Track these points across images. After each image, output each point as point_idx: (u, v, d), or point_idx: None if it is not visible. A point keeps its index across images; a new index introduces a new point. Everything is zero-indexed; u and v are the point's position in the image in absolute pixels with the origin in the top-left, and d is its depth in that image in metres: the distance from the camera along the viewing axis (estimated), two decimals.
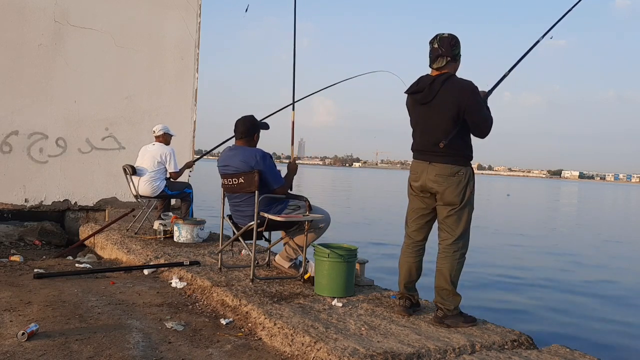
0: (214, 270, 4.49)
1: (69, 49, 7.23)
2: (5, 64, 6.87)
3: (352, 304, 3.69)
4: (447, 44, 3.26)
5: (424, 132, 3.36)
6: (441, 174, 3.27)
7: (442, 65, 3.27)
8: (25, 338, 2.88)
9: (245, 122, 4.34)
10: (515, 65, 3.54)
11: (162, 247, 5.53)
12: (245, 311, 3.47)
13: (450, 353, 2.88)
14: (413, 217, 3.51)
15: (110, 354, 2.78)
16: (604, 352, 5.36)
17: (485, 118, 3.26)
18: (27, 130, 7.03)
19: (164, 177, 6.38)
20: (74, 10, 7.24)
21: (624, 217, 29.44)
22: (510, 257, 11.48)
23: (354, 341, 2.90)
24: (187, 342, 3.03)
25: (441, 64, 3.27)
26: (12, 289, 3.99)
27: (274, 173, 4.19)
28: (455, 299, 3.33)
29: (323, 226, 4.34)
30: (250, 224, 4.12)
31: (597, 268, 10.96)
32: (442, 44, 3.26)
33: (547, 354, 2.95)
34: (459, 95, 3.20)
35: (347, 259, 3.83)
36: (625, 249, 14.38)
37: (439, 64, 3.27)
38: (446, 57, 3.26)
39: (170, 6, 7.90)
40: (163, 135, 6.49)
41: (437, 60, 3.27)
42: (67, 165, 7.30)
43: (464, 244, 3.35)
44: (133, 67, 7.67)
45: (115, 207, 7.57)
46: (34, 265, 5.04)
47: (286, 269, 4.52)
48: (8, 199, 6.97)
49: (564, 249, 13.51)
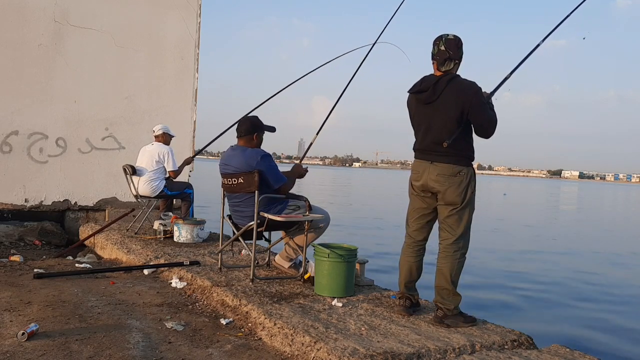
0: (214, 270, 4.49)
1: (69, 49, 7.23)
2: (5, 64, 6.87)
3: (352, 304, 3.69)
4: (454, 46, 3.28)
5: (426, 132, 3.36)
6: (443, 174, 3.27)
7: (450, 68, 3.28)
8: (25, 338, 2.88)
9: (246, 122, 4.34)
10: (516, 68, 3.54)
11: (162, 247, 5.53)
12: (245, 311, 3.47)
13: (450, 353, 2.88)
14: (414, 216, 3.52)
15: (110, 354, 2.78)
16: (604, 352, 5.37)
17: (489, 118, 3.27)
18: (27, 130, 7.03)
19: (164, 177, 6.38)
20: (74, 10, 7.24)
21: (625, 217, 29.45)
22: (510, 256, 11.49)
23: (354, 341, 2.90)
24: (187, 342, 3.03)
25: (449, 67, 3.28)
26: (12, 289, 3.99)
27: (275, 172, 4.18)
28: (456, 299, 3.33)
29: (323, 226, 4.34)
30: (250, 224, 4.12)
31: (597, 268, 10.96)
32: (449, 47, 3.27)
33: (547, 354, 2.95)
34: (463, 96, 3.20)
35: (347, 259, 3.83)
36: (626, 249, 14.37)
37: (447, 67, 3.28)
38: (454, 60, 3.28)
39: (170, 6, 7.90)
40: (162, 135, 6.49)
41: (445, 64, 3.28)
42: (67, 165, 7.30)
43: (464, 244, 3.35)
44: (133, 67, 7.67)
45: (115, 207, 7.57)
46: (34, 265, 5.04)
47: (286, 269, 4.52)
48: (8, 199, 6.97)
49: (563, 249, 13.50)
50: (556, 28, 3.71)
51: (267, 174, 4.09)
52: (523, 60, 3.59)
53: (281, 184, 4.20)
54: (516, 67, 3.54)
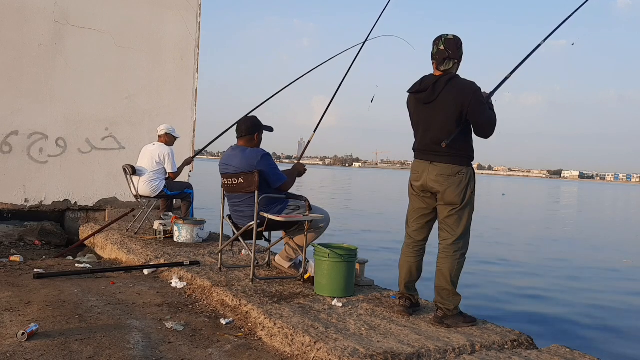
0: (214, 270, 4.49)
1: (69, 49, 7.23)
2: (5, 63, 6.87)
3: (352, 304, 3.69)
4: (453, 46, 3.28)
5: (426, 132, 3.36)
6: (442, 174, 3.27)
7: (449, 68, 3.29)
8: (25, 338, 2.88)
9: (247, 122, 4.35)
10: (516, 68, 3.53)
11: (162, 247, 5.53)
12: (245, 311, 3.47)
13: (450, 353, 2.88)
14: (414, 217, 3.52)
15: (110, 354, 2.78)
16: (604, 352, 5.37)
17: (489, 118, 3.27)
18: (27, 130, 7.03)
19: (164, 177, 6.38)
20: (74, 10, 7.25)
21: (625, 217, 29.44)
22: (510, 257, 11.48)
23: (354, 341, 2.90)
24: (187, 342, 3.03)
25: (448, 67, 3.28)
26: (12, 289, 3.99)
27: (276, 172, 4.19)
28: (456, 299, 3.33)
29: (323, 226, 4.34)
30: (250, 224, 4.12)
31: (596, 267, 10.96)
32: (448, 47, 3.27)
33: (547, 354, 2.95)
34: (462, 96, 3.21)
35: (347, 259, 3.83)
36: (626, 249, 14.37)
37: (446, 67, 3.29)
38: (453, 60, 3.28)
39: (170, 6, 7.90)
40: (165, 135, 6.49)
41: (444, 63, 3.29)
42: (67, 165, 7.30)
43: (464, 244, 3.35)
44: (133, 67, 7.67)
45: (115, 207, 7.57)
46: (34, 265, 5.04)
47: (286, 269, 4.52)
48: (8, 199, 6.97)
49: (563, 249, 13.51)
50: (557, 28, 3.70)
51: (267, 173, 4.10)
52: (523, 60, 3.58)
53: (281, 183, 4.21)
54: (516, 67, 3.54)
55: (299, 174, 4.60)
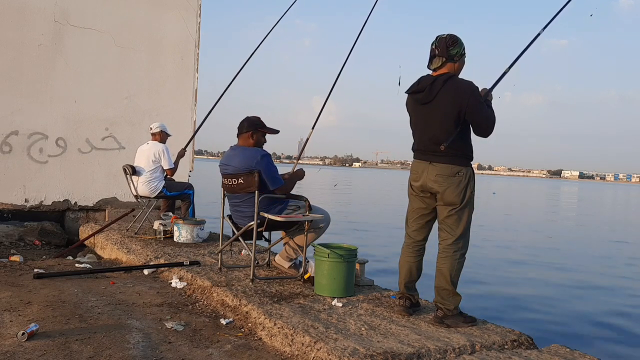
0: (214, 270, 4.49)
1: (69, 49, 7.23)
2: (5, 64, 6.87)
3: (352, 304, 3.69)
4: (443, 44, 3.28)
5: (424, 132, 3.36)
6: (442, 174, 3.27)
7: (438, 66, 3.29)
8: (25, 338, 2.88)
9: (245, 121, 4.34)
10: (516, 60, 3.49)
11: (162, 247, 5.53)
12: (245, 311, 3.47)
13: (450, 353, 2.88)
14: (413, 217, 3.52)
15: (110, 354, 2.78)
16: (604, 352, 5.37)
17: (487, 117, 3.26)
18: (27, 130, 7.03)
19: (162, 177, 6.36)
20: (74, 10, 7.25)
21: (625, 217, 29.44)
22: (510, 257, 11.49)
23: (354, 341, 2.90)
24: (187, 342, 3.03)
25: (437, 65, 3.30)
26: (12, 289, 3.99)
27: (273, 175, 4.15)
28: (455, 299, 3.33)
29: (323, 226, 4.33)
30: (250, 224, 4.11)
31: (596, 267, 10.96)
32: (438, 45, 3.29)
33: (547, 354, 2.95)
34: (459, 96, 3.21)
35: (347, 259, 3.83)
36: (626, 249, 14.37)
37: (435, 65, 3.31)
38: (441, 58, 3.28)
39: (170, 6, 7.90)
40: (159, 132, 6.47)
41: (433, 61, 3.32)
42: (67, 165, 7.30)
43: (464, 244, 3.35)
44: (133, 67, 7.68)
45: (115, 207, 7.57)
46: (34, 265, 5.04)
47: (286, 269, 4.52)
48: (8, 199, 6.97)
49: (563, 249, 13.50)
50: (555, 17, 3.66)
51: (264, 174, 4.08)
52: (524, 50, 3.54)
53: (277, 187, 4.18)
54: (516, 59, 3.50)
55: (299, 177, 4.59)
